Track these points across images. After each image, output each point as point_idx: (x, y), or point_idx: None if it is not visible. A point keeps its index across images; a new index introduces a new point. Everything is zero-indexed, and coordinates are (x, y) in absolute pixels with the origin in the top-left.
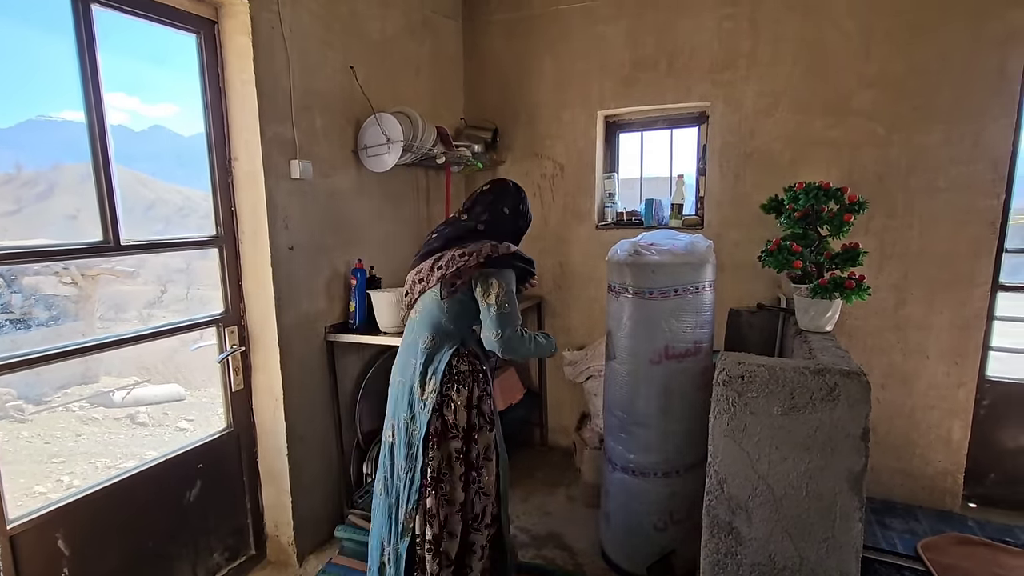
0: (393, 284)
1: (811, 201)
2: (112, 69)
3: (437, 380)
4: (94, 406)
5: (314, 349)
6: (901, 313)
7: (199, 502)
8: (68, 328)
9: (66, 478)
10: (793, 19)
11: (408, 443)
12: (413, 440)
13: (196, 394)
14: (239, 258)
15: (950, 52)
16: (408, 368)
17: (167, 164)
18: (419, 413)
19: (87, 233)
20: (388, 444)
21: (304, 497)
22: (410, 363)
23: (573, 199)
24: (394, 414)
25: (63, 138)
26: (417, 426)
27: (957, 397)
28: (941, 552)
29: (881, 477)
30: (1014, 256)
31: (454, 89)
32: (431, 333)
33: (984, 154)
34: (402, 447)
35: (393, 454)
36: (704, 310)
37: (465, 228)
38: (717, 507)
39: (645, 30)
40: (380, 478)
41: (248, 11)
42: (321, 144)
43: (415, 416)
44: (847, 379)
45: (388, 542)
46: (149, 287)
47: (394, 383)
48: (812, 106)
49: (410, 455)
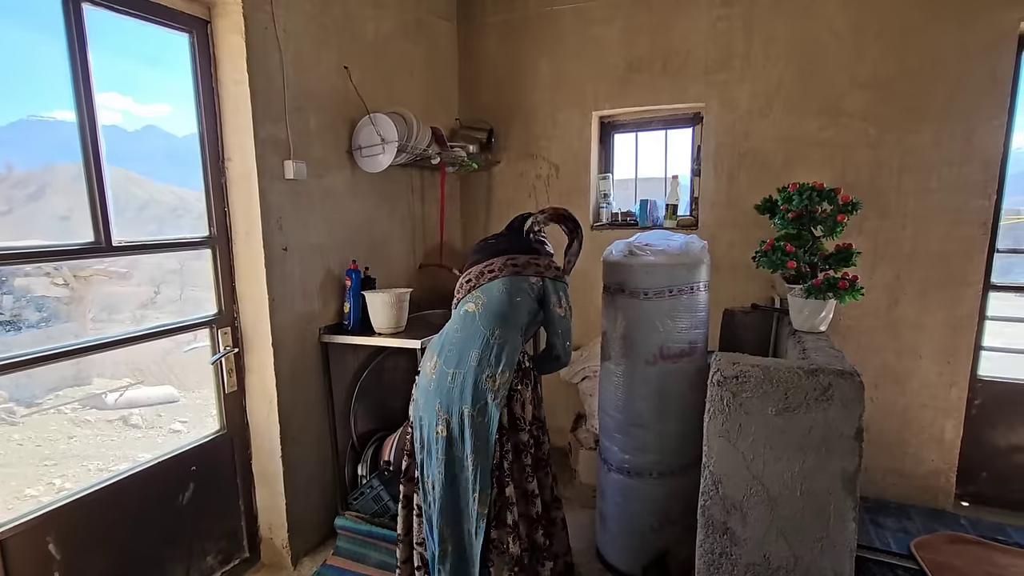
0: (388, 285)
1: (805, 202)
2: (105, 69)
3: (511, 372)
4: (86, 408)
5: (308, 350)
6: (894, 313)
7: (192, 505)
8: (60, 330)
9: (58, 481)
10: (786, 20)
11: (475, 435)
12: (481, 431)
13: (190, 396)
14: (232, 259)
15: (941, 53)
16: (466, 359)
17: (160, 164)
18: (490, 404)
19: (79, 234)
20: (442, 437)
21: (298, 499)
22: (469, 354)
23: (568, 200)
24: (448, 407)
25: (55, 138)
26: (487, 418)
27: (949, 396)
28: (934, 551)
29: (874, 476)
30: (1005, 256)
31: (449, 90)
32: (498, 325)
33: (975, 155)
34: (467, 439)
35: (451, 444)
36: (699, 310)
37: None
38: (712, 507)
39: (640, 31)
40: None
41: (241, 10)
42: (315, 144)
43: (485, 406)
44: (841, 379)
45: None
46: (142, 288)
47: (442, 374)
48: (805, 107)
49: (478, 447)
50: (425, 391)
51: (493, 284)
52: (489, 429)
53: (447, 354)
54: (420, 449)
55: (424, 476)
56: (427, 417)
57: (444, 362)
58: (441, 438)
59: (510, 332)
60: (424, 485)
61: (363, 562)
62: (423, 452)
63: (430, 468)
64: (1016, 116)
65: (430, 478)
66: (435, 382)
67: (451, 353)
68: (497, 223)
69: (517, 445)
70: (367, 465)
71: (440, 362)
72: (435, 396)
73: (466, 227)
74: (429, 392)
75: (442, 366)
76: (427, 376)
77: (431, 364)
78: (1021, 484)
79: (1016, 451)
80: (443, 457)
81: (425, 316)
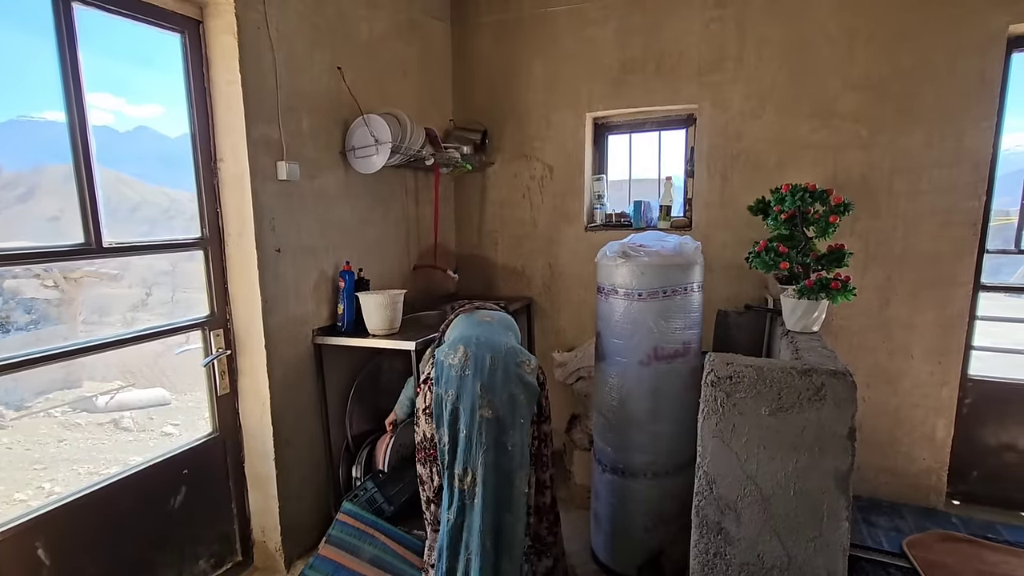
0: (381, 286)
1: (797, 203)
2: (96, 69)
3: (537, 363)
4: (77, 411)
5: (301, 352)
6: (886, 313)
7: (184, 508)
8: (50, 332)
9: (47, 485)
10: (779, 22)
11: (521, 415)
12: (525, 412)
13: (182, 398)
14: (225, 260)
15: (932, 56)
16: (500, 346)
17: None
18: (532, 386)
19: (69, 235)
20: (488, 420)
21: (292, 502)
22: (501, 343)
23: (562, 201)
24: (491, 388)
25: (45, 139)
26: (528, 397)
27: (940, 396)
28: (926, 549)
29: (867, 475)
30: (995, 257)
31: (443, 91)
32: (513, 333)
33: (966, 156)
34: (516, 419)
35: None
36: (693, 311)
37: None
38: (706, 507)
39: (633, 32)
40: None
41: (233, 10)
42: (308, 145)
43: (529, 387)
44: (834, 379)
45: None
46: (134, 290)
47: (479, 359)
48: (798, 108)
49: (524, 425)
50: (457, 379)
51: (496, 312)
52: (530, 408)
53: (478, 343)
54: (452, 447)
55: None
56: (466, 402)
57: (477, 349)
58: (486, 420)
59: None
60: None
61: (357, 555)
62: (457, 448)
63: (469, 459)
64: (1005, 118)
65: (468, 472)
66: (472, 367)
67: (482, 342)
68: (491, 224)
69: (543, 435)
70: (362, 467)
71: (472, 350)
72: (474, 379)
73: (460, 228)
74: (464, 378)
75: (476, 352)
76: (457, 365)
77: (458, 355)
78: (1011, 483)
79: (1006, 450)
80: (488, 440)
81: (419, 317)
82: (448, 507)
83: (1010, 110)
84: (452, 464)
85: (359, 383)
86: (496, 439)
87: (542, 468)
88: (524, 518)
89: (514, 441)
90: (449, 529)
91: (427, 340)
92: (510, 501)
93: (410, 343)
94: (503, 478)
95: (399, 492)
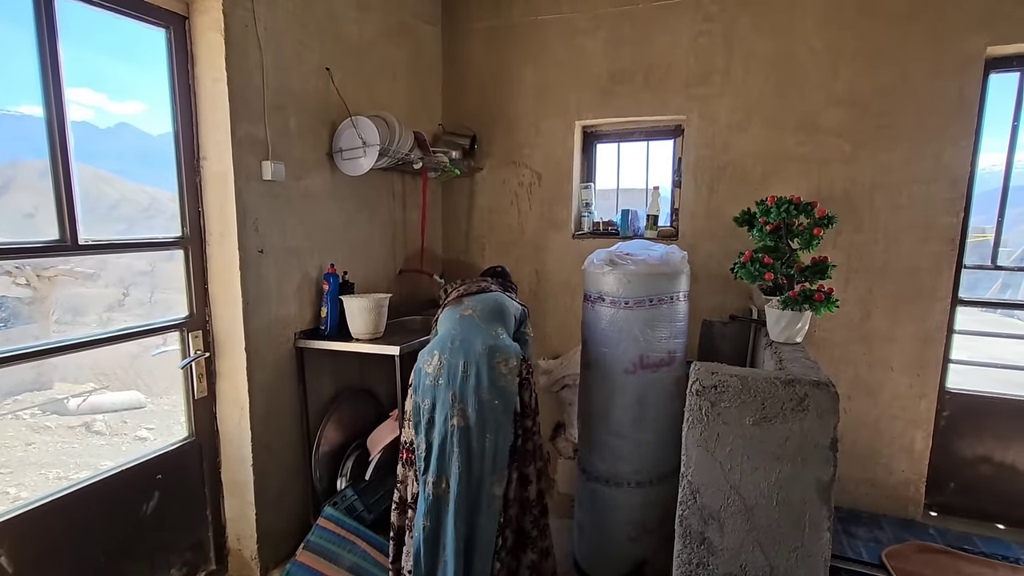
0: (366, 289)
1: (782, 215)
2: (76, 63)
3: (518, 359)
4: (47, 414)
5: (283, 356)
6: (867, 326)
7: (156, 515)
8: (20, 331)
9: (13, 490)
10: (765, 37)
11: (494, 419)
12: (499, 415)
13: (157, 402)
14: (206, 261)
15: (912, 75)
16: (474, 349)
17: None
18: (508, 387)
19: (43, 232)
20: (459, 428)
21: (269, 509)
22: (476, 345)
23: (550, 208)
24: (463, 396)
25: (20, 133)
26: (505, 401)
27: (919, 408)
28: (904, 560)
29: (847, 486)
30: (972, 272)
31: (432, 95)
32: (498, 324)
33: (944, 173)
34: (487, 424)
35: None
36: (678, 320)
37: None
38: (690, 517)
39: (623, 43)
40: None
41: (221, 7)
42: (295, 145)
43: (503, 390)
44: (816, 389)
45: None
46: (110, 290)
47: (452, 366)
48: (783, 122)
49: (497, 429)
50: (432, 388)
51: (485, 295)
52: (506, 411)
53: (452, 348)
54: (427, 454)
55: (428, 479)
56: (440, 412)
57: (451, 355)
58: (458, 428)
59: (507, 330)
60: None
61: (336, 562)
62: (431, 454)
63: (447, 463)
64: (982, 138)
65: (444, 474)
66: (444, 376)
67: (456, 347)
68: (479, 230)
69: (527, 429)
70: (346, 479)
71: (446, 357)
72: (446, 389)
73: (447, 233)
74: (438, 387)
75: (449, 359)
76: (432, 374)
77: (434, 363)
78: (987, 494)
79: (982, 462)
80: (460, 448)
81: (404, 322)
82: (425, 513)
83: (987, 130)
84: (427, 471)
85: (342, 388)
86: (468, 446)
87: (525, 463)
88: (496, 519)
89: (486, 447)
90: (425, 536)
91: (412, 345)
92: (483, 505)
93: (394, 348)
94: (475, 484)
95: (379, 500)
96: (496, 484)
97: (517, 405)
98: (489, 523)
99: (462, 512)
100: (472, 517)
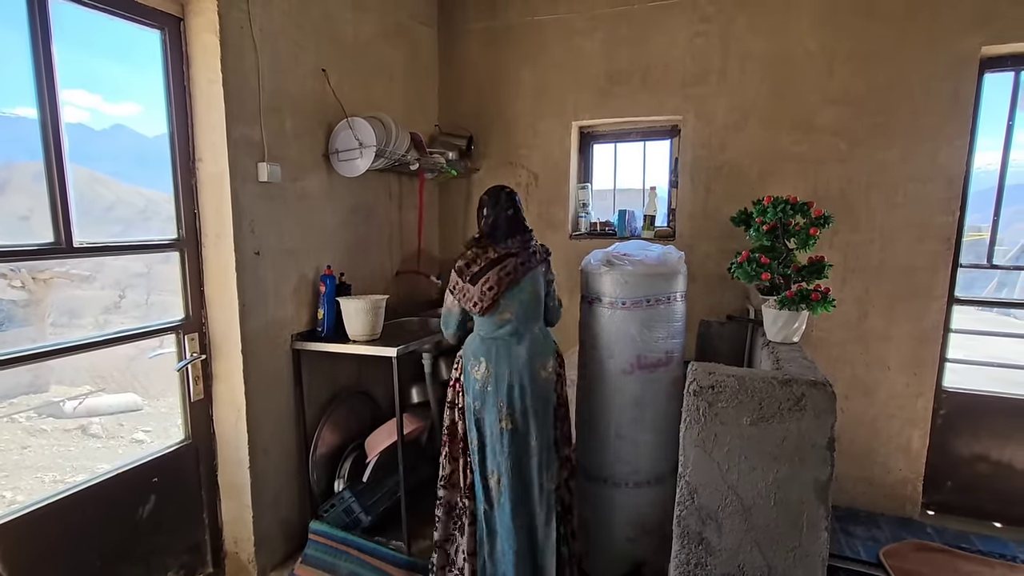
0: (363, 291)
1: (779, 215)
2: (72, 65)
3: (554, 359)
4: (43, 417)
5: (279, 358)
6: (864, 325)
7: (153, 518)
8: (15, 334)
9: (9, 494)
10: (761, 38)
11: (537, 421)
12: (542, 417)
13: (154, 404)
14: (202, 263)
15: (908, 74)
16: (518, 358)
17: (129, 165)
18: (549, 391)
19: (38, 234)
20: (507, 431)
21: (266, 512)
22: (519, 353)
23: (547, 208)
24: (510, 403)
25: (15, 135)
26: (543, 404)
27: (916, 407)
28: (902, 559)
29: (845, 485)
30: (968, 271)
31: (429, 96)
32: (533, 322)
33: (940, 173)
34: (531, 427)
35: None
36: (676, 320)
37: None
38: (688, 518)
39: (620, 44)
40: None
41: (216, 8)
42: (291, 147)
43: (545, 396)
44: (814, 389)
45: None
46: (106, 292)
47: (499, 376)
48: (779, 122)
49: (540, 427)
50: (481, 393)
51: (517, 289)
52: (546, 411)
53: (497, 358)
54: (480, 449)
55: (486, 473)
56: (489, 417)
57: (496, 365)
58: (506, 431)
59: (541, 321)
60: (487, 482)
61: (334, 572)
62: (485, 450)
63: (494, 462)
64: (978, 136)
65: (495, 473)
66: (492, 383)
67: (500, 356)
68: (475, 230)
69: (559, 419)
70: (343, 481)
71: (492, 366)
72: (494, 396)
73: (444, 234)
74: (487, 393)
75: (495, 369)
76: (480, 380)
77: (481, 370)
78: (984, 493)
79: (979, 460)
80: (509, 448)
81: (401, 323)
82: (483, 500)
83: (982, 129)
84: (483, 463)
85: (339, 390)
86: (517, 447)
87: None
88: (555, 509)
89: (532, 445)
90: (485, 519)
91: (410, 346)
92: (534, 499)
93: (391, 349)
94: (526, 480)
95: (377, 502)
96: (549, 478)
97: (554, 400)
98: (545, 513)
99: (516, 505)
100: (526, 508)
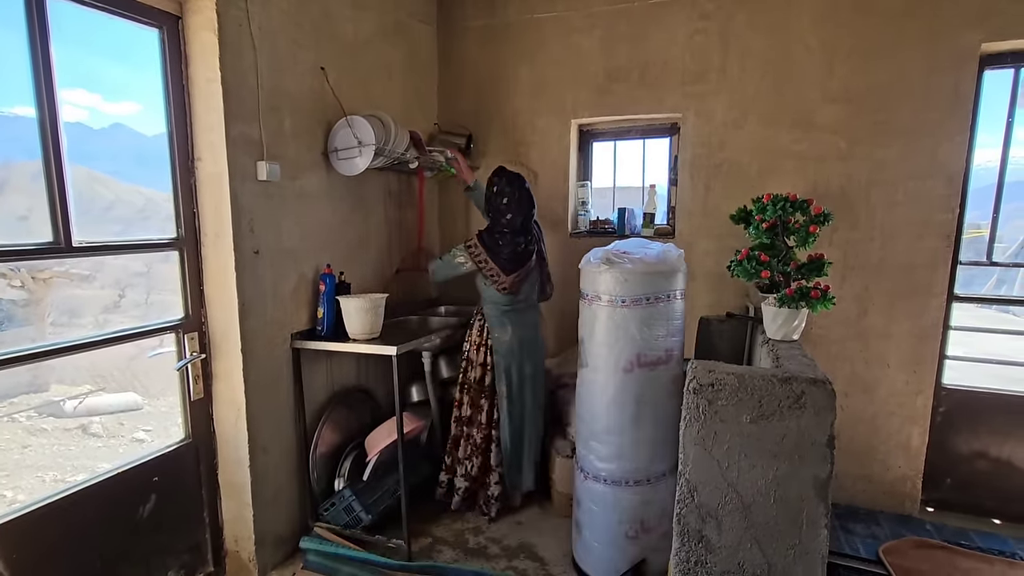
0: (363, 290)
1: (778, 212)
2: (70, 64)
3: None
4: (43, 416)
5: (279, 357)
6: (863, 323)
7: (154, 517)
8: (15, 333)
9: (9, 493)
10: (761, 35)
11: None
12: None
13: (154, 403)
14: (201, 262)
15: (908, 72)
16: (531, 326)
17: (128, 164)
18: (542, 342)
19: (38, 234)
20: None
21: (266, 510)
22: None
23: (547, 206)
24: (533, 359)
25: (13, 135)
26: (541, 352)
27: (915, 404)
28: (901, 556)
29: (844, 483)
30: (968, 268)
31: (428, 94)
32: (538, 298)
33: (940, 170)
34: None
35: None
36: (675, 318)
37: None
38: (688, 515)
39: (618, 41)
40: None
41: (214, 7)
42: (290, 145)
43: (541, 345)
44: (813, 387)
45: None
46: (106, 291)
47: (527, 340)
48: (779, 119)
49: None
50: (509, 353)
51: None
52: (543, 356)
53: (517, 324)
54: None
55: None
56: (515, 368)
57: (520, 329)
58: (529, 376)
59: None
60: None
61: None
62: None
63: (523, 396)
64: (977, 133)
65: (522, 402)
66: (517, 344)
67: (518, 323)
68: (476, 229)
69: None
70: (344, 480)
71: (517, 330)
72: (519, 354)
73: (444, 232)
74: (513, 350)
75: (521, 333)
76: (508, 341)
77: (508, 333)
78: (983, 490)
79: (978, 457)
80: (530, 388)
81: (401, 322)
82: (510, 423)
83: (982, 126)
84: (510, 399)
85: (338, 389)
86: (531, 384)
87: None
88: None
89: (537, 388)
90: (512, 434)
91: (409, 345)
92: (536, 419)
93: (391, 348)
94: (536, 403)
95: (377, 501)
96: (541, 408)
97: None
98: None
99: (530, 417)
100: (535, 424)
